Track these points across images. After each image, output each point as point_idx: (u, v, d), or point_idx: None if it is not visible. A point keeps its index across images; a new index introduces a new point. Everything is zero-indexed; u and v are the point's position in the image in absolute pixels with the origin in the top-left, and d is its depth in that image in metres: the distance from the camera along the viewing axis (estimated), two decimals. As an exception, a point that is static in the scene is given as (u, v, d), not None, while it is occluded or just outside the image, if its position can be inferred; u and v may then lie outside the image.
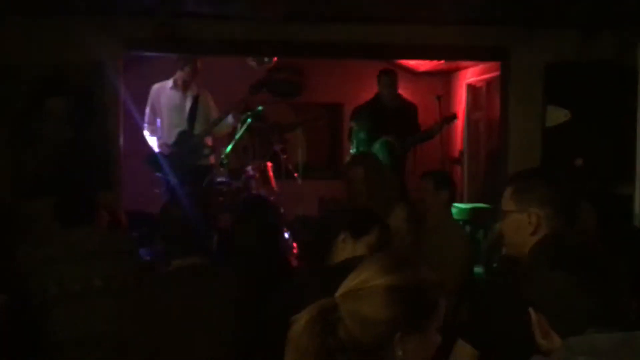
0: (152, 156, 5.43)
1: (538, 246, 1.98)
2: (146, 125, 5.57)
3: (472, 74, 7.11)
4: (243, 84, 5.61)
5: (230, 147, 5.76)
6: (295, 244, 5.25)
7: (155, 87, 5.61)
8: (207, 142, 5.60)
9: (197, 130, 5.47)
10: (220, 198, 5.45)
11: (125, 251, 3.05)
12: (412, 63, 7.28)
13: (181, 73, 5.44)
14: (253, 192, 5.50)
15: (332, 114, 7.85)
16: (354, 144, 5.90)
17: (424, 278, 1.47)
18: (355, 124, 5.88)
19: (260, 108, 5.78)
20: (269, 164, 5.87)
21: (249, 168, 5.69)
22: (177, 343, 2.28)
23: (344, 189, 3.72)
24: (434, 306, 1.46)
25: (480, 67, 6.80)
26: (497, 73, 5.51)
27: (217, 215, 3.53)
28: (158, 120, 5.56)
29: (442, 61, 6.76)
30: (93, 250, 2.94)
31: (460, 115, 7.22)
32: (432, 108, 6.41)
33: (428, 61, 6.94)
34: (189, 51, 5.18)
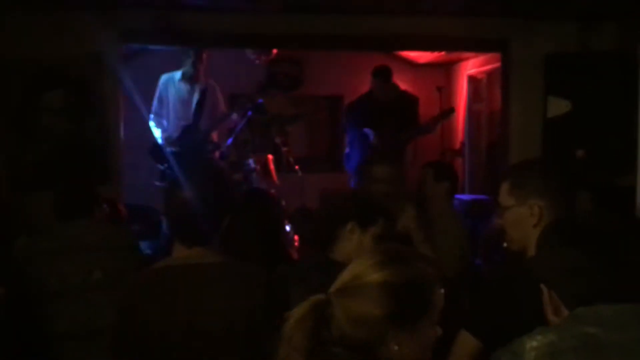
0: (155, 147, 5.40)
1: (547, 228, 1.96)
2: (152, 115, 5.53)
3: (473, 66, 7.08)
4: (245, 76, 5.57)
5: (230, 140, 5.75)
6: (296, 237, 5.24)
7: (164, 78, 5.58)
8: (212, 138, 5.58)
9: (202, 125, 5.44)
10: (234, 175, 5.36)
11: (125, 244, 3.04)
12: (413, 55, 7.24)
13: (188, 64, 5.40)
14: (254, 185, 5.49)
15: (332, 106, 7.83)
16: (348, 142, 5.89)
17: (419, 273, 1.45)
18: (346, 122, 5.86)
19: (260, 100, 5.76)
20: (270, 157, 5.85)
21: (250, 161, 5.68)
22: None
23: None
24: (430, 301, 1.45)
25: (481, 59, 6.77)
26: (498, 64, 5.48)
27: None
28: (165, 111, 5.53)
29: (443, 53, 6.73)
30: (93, 243, 2.93)
31: (461, 107, 7.20)
32: (433, 100, 6.40)
33: (429, 53, 6.90)
34: (188, 43, 5.14)
